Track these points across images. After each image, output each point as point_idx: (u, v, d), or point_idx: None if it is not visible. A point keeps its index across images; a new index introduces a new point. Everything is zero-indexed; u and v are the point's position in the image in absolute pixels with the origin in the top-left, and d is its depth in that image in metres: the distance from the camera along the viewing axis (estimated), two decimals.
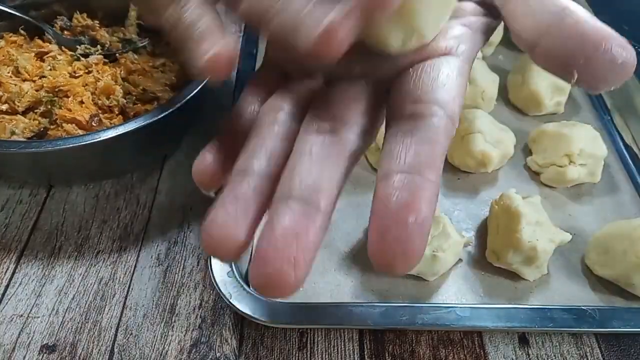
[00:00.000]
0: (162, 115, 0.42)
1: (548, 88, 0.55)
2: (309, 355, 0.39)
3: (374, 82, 0.24)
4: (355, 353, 0.40)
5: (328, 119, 0.22)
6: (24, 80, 0.49)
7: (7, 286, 0.43)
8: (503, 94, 0.59)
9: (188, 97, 0.44)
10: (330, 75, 0.25)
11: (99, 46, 0.54)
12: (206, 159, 0.25)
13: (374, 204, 0.19)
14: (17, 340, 0.40)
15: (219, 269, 0.38)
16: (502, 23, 0.26)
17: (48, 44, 0.53)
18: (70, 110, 0.46)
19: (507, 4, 0.23)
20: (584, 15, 0.21)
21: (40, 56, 0.52)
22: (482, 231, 0.46)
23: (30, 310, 0.41)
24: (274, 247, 0.18)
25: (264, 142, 0.22)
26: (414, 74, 0.22)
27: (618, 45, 0.20)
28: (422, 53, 0.23)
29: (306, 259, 0.18)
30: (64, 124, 0.46)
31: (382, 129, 0.24)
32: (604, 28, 0.20)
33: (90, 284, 0.43)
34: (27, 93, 0.47)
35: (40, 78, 0.49)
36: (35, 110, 0.47)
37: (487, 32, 0.25)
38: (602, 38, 0.20)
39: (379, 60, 0.24)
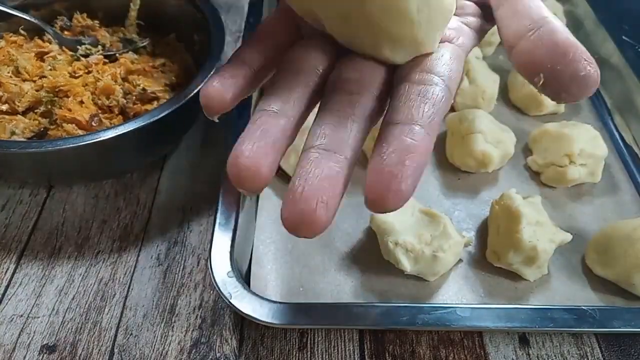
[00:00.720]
0: (162, 115, 0.42)
1: None
2: (309, 356, 0.39)
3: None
4: (355, 353, 0.39)
5: (352, 82, 0.24)
6: (24, 80, 0.49)
7: (7, 286, 0.43)
8: (503, 94, 0.59)
9: (188, 97, 0.44)
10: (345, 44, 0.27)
11: (99, 46, 0.54)
12: (215, 84, 0.26)
13: (376, 145, 0.21)
14: (17, 340, 0.40)
15: (219, 269, 0.38)
16: None
17: (48, 44, 0.53)
18: (70, 110, 0.46)
19: (499, 8, 0.26)
20: (561, 28, 0.23)
21: (40, 56, 0.52)
22: (483, 231, 0.46)
23: (31, 311, 0.41)
24: (309, 187, 0.20)
25: (296, 87, 0.24)
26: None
27: (584, 58, 0.21)
28: None
29: (335, 202, 0.21)
30: (64, 124, 0.46)
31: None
32: (575, 42, 0.22)
33: (91, 284, 0.43)
34: (27, 93, 0.47)
35: (40, 78, 0.49)
36: (36, 111, 0.48)
37: (482, 32, 0.28)
38: (570, 48, 0.22)
39: None
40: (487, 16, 0.28)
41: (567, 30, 0.23)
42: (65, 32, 0.55)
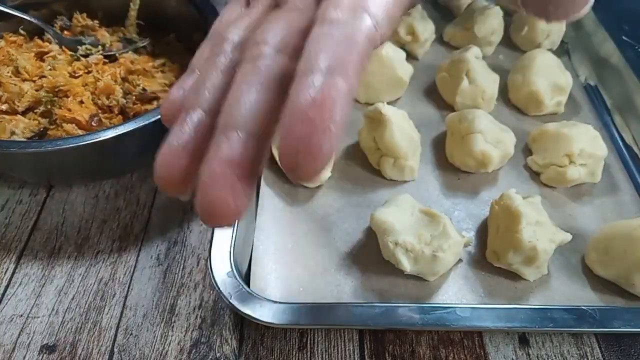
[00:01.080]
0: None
1: (548, 88, 0.55)
2: (309, 356, 0.39)
3: None
4: (355, 353, 0.39)
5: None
6: (24, 80, 0.49)
7: (7, 286, 0.43)
8: (503, 94, 0.59)
9: None
10: None
11: (100, 47, 0.54)
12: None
13: (285, 105, 0.19)
14: (17, 340, 0.40)
15: (219, 269, 0.38)
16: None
17: (48, 43, 0.53)
18: (70, 110, 0.46)
19: None
20: None
21: (40, 56, 0.52)
22: (483, 231, 0.46)
23: (30, 311, 0.41)
24: (212, 176, 0.19)
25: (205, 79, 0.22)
26: None
27: None
28: None
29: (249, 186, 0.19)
30: (63, 124, 0.46)
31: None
32: None
33: (90, 284, 0.43)
34: (27, 93, 0.47)
35: (40, 78, 0.49)
36: (35, 110, 0.48)
37: None
38: None
39: None
40: None
41: None
42: (65, 32, 0.55)
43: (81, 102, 0.47)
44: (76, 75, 0.50)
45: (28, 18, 0.53)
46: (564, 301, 0.41)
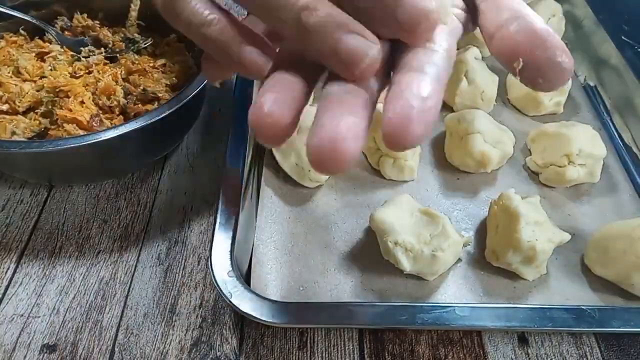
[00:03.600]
0: (162, 116, 0.42)
1: None
2: (309, 355, 0.39)
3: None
4: (355, 353, 0.40)
5: None
6: (25, 80, 0.49)
7: (7, 286, 0.43)
8: (502, 94, 0.59)
9: (188, 97, 0.44)
10: None
11: (102, 48, 0.54)
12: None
13: (389, 89, 0.22)
14: (17, 339, 0.40)
15: (219, 269, 0.38)
16: None
17: (48, 44, 0.53)
18: (70, 110, 0.46)
19: (482, 3, 0.27)
20: (539, 19, 0.24)
21: (41, 56, 0.52)
22: (482, 231, 0.46)
23: (31, 310, 0.42)
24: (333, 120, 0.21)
25: (303, 62, 0.24)
26: None
27: (561, 48, 0.23)
28: None
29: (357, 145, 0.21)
30: (64, 124, 0.46)
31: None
32: (552, 32, 0.23)
33: (91, 284, 0.43)
34: (27, 93, 0.48)
35: (40, 78, 0.49)
36: (36, 111, 0.48)
37: (465, 28, 0.28)
38: (548, 36, 0.23)
39: None
40: (472, 17, 0.29)
41: (544, 22, 0.24)
42: (66, 33, 0.55)
43: (82, 102, 0.47)
44: (77, 75, 0.50)
45: (28, 19, 0.53)
46: (563, 301, 0.41)
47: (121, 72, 0.51)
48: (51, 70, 0.50)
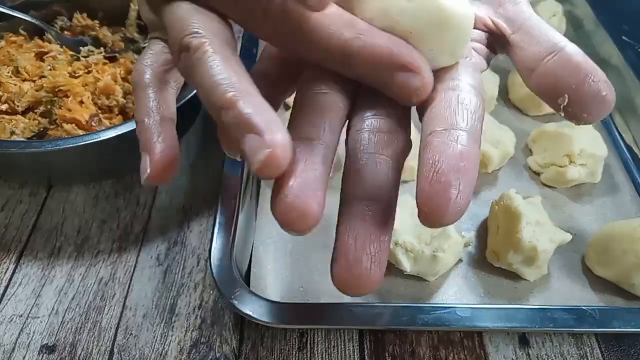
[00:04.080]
0: None
1: None
2: (309, 356, 0.39)
3: None
4: (355, 353, 0.39)
5: (382, 115, 0.24)
6: (24, 80, 0.49)
7: (6, 286, 0.43)
8: (503, 94, 0.59)
9: (188, 97, 0.44)
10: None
11: (102, 48, 0.54)
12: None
13: (422, 154, 0.20)
14: (16, 340, 0.40)
15: (219, 269, 0.38)
16: None
17: (48, 43, 0.53)
18: (70, 110, 0.46)
19: (514, 34, 0.26)
20: (578, 51, 0.23)
21: (40, 56, 0.52)
22: (482, 231, 0.46)
23: (30, 311, 0.41)
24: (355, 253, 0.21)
25: (324, 113, 0.23)
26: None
27: (604, 80, 0.22)
28: None
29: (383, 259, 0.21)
30: (64, 124, 0.46)
31: None
32: (594, 64, 0.23)
33: (90, 284, 0.43)
34: (27, 93, 0.47)
35: (40, 78, 0.49)
36: (35, 110, 0.48)
37: (487, 59, 0.27)
38: (593, 70, 0.22)
39: None
40: (492, 46, 0.28)
41: (583, 53, 0.23)
42: (65, 32, 0.55)
43: (81, 102, 0.47)
44: (76, 75, 0.50)
45: (28, 19, 0.53)
46: (564, 301, 0.41)
47: (120, 71, 0.50)
48: (50, 70, 0.50)
